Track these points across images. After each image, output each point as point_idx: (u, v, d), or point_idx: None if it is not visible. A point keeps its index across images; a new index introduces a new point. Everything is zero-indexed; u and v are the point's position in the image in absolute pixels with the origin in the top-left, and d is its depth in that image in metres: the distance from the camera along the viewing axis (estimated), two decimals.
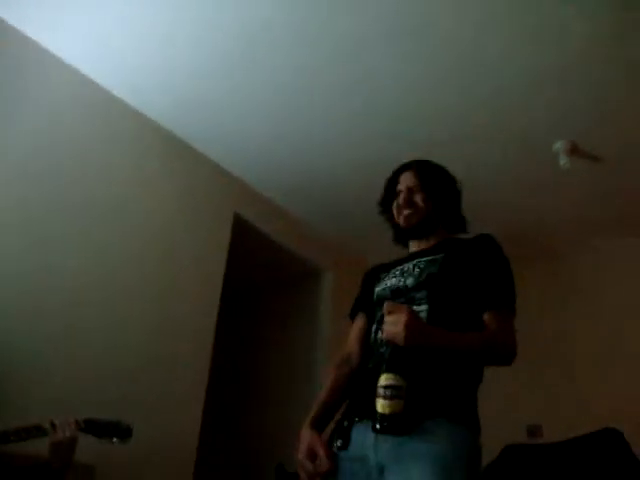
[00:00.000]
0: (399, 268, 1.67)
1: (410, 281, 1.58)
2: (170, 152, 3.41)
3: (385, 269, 1.75)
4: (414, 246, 1.75)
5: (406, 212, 1.72)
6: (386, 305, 1.39)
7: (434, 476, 1.28)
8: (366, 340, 1.66)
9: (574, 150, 3.24)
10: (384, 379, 1.28)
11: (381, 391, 1.27)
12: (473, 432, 1.42)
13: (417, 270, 1.60)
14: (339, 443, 1.45)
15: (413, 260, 1.66)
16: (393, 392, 1.26)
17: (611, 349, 3.82)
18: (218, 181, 3.67)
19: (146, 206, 3.19)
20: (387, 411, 1.25)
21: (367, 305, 1.73)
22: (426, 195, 1.72)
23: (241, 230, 3.73)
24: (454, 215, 1.77)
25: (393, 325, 1.33)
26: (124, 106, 3.18)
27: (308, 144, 3.46)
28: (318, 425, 1.54)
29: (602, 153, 3.30)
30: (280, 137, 3.40)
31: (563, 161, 3.20)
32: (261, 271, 4.61)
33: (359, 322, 1.75)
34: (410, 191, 1.73)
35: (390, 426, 1.25)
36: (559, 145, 3.22)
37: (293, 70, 2.90)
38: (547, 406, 3.84)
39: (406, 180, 1.77)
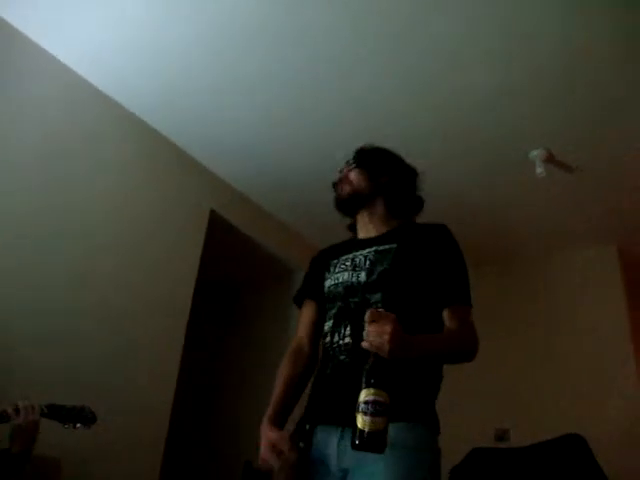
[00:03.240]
0: (349, 257, 1.62)
1: (362, 277, 1.54)
2: (147, 145, 3.38)
3: (334, 255, 1.70)
4: (362, 231, 1.71)
5: (339, 187, 1.73)
6: (368, 313, 1.30)
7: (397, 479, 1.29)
8: (317, 334, 1.64)
9: (550, 159, 3.29)
10: (365, 394, 1.21)
11: (362, 406, 1.20)
12: (433, 433, 1.42)
13: (368, 263, 1.55)
14: (301, 445, 1.44)
15: (364, 249, 1.61)
16: (376, 408, 1.19)
17: (579, 354, 3.88)
18: (195, 177, 3.65)
19: (120, 199, 3.16)
20: (368, 428, 1.18)
21: (316, 293, 1.69)
22: (360, 171, 1.71)
23: (217, 227, 3.71)
24: (397, 194, 1.70)
25: (378, 336, 1.25)
26: (103, 97, 3.15)
27: (287, 143, 3.45)
28: (277, 421, 1.51)
29: (577, 162, 3.36)
30: (259, 135, 3.39)
31: (539, 169, 3.25)
32: (235, 269, 4.60)
33: (309, 311, 1.71)
34: (347, 170, 1.74)
35: (369, 443, 1.19)
36: (535, 153, 3.27)
37: (273, 66, 2.89)
38: (515, 411, 3.88)
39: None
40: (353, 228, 1.77)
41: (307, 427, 1.46)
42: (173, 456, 3.39)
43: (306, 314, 1.72)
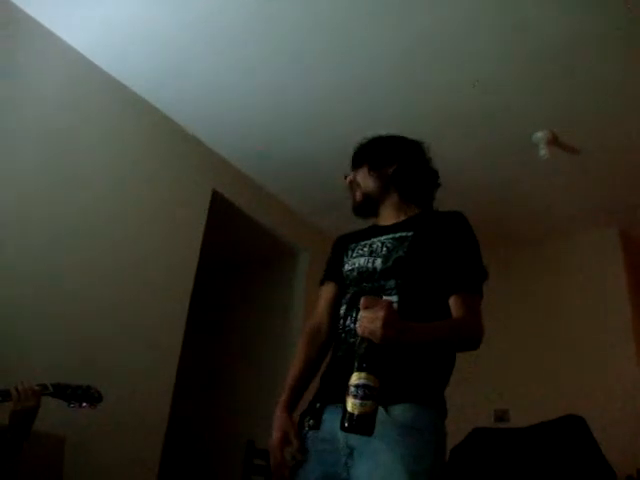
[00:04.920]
0: (367, 243, 1.64)
1: (378, 264, 1.55)
2: (149, 124, 3.36)
3: (354, 239, 1.71)
4: (381, 218, 1.71)
5: (351, 194, 1.74)
6: (363, 300, 1.32)
7: (403, 460, 1.29)
8: (335, 316, 1.65)
9: (554, 141, 3.26)
10: (356, 378, 1.23)
11: (352, 390, 1.22)
12: (441, 416, 1.43)
13: (385, 250, 1.56)
14: (311, 423, 1.47)
15: (382, 236, 1.62)
16: (365, 392, 1.21)
17: (580, 336, 3.90)
18: (197, 156, 3.63)
19: (121, 179, 3.14)
20: (356, 411, 1.21)
21: (337, 276, 1.70)
22: (364, 170, 1.70)
23: (219, 207, 3.70)
24: (407, 179, 1.70)
25: (370, 322, 1.26)
26: (104, 76, 3.12)
27: (290, 123, 3.43)
28: (291, 406, 1.55)
29: (581, 145, 3.34)
30: (261, 115, 3.37)
31: (542, 152, 3.23)
32: (237, 249, 4.59)
33: (328, 291, 1.72)
34: (351, 177, 1.74)
35: (358, 426, 1.21)
36: (539, 136, 3.25)
37: (275, 47, 2.87)
38: (515, 391, 3.91)
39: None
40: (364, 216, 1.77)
41: (317, 406, 1.49)
42: (175, 436, 3.42)
43: (325, 295, 1.72)
